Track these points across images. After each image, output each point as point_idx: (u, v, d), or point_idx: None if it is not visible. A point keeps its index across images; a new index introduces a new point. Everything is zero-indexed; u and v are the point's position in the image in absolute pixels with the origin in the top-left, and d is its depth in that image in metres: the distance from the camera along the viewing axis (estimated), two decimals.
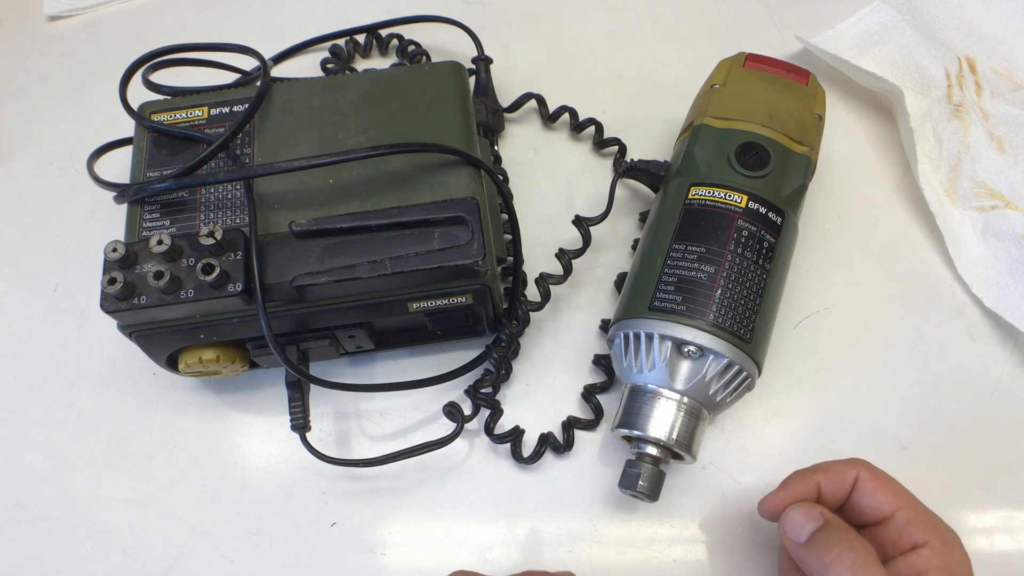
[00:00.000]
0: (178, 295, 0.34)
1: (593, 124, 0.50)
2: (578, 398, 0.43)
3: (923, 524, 0.33)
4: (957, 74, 0.51)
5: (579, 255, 0.43)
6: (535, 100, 0.51)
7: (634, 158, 0.47)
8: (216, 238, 0.34)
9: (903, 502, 0.33)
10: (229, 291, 0.34)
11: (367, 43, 0.56)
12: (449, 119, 0.40)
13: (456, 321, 0.39)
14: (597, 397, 0.42)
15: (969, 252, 0.45)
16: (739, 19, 0.56)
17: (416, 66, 0.44)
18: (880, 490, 0.34)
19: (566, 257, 0.43)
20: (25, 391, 0.45)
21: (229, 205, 0.38)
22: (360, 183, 0.38)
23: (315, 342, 0.39)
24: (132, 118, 0.41)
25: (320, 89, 0.42)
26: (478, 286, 0.37)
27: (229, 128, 0.39)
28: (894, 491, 0.34)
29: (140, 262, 0.35)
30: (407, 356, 0.44)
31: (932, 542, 0.32)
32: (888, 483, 0.34)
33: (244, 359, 0.39)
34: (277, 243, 0.36)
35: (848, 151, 0.50)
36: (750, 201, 0.39)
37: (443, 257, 0.35)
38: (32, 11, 0.60)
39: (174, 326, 0.36)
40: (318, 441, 0.41)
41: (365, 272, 0.35)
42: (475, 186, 0.38)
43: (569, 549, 0.39)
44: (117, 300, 0.34)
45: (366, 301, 0.37)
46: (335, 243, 0.36)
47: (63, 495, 0.41)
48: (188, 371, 0.39)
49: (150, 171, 0.39)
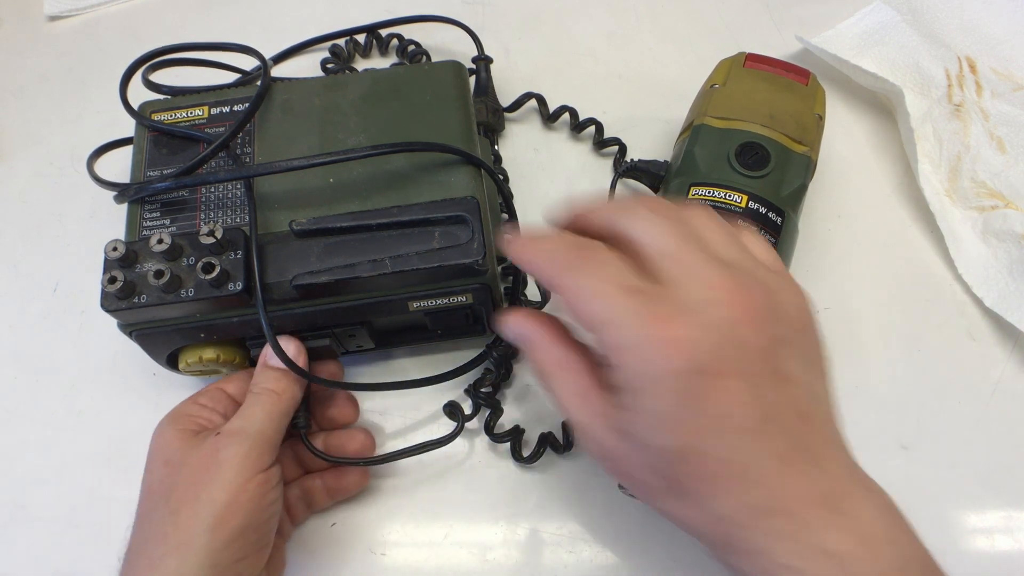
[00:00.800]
0: (178, 294, 0.34)
1: (593, 124, 0.50)
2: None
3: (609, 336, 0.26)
4: (957, 74, 0.51)
5: None
6: (535, 100, 0.51)
7: (634, 158, 0.47)
8: (216, 237, 0.34)
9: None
10: (229, 290, 0.34)
11: (367, 43, 0.55)
12: (449, 118, 0.40)
13: (456, 320, 0.39)
14: None
15: (969, 252, 0.45)
16: (739, 19, 0.56)
17: (416, 65, 0.44)
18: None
19: None
20: (25, 391, 0.45)
21: (229, 204, 0.38)
22: (360, 182, 0.38)
23: (315, 341, 0.39)
24: (132, 117, 0.41)
25: (320, 89, 0.42)
26: (478, 285, 0.37)
27: (229, 127, 0.39)
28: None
29: (140, 261, 0.35)
30: (407, 356, 0.44)
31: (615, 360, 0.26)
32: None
33: (244, 358, 0.39)
34: (277, 242, 0.36)
35: (848, 151, 0.50)
36: (750, 201, 0.39)
37: (444, 256, 0.35)
38: (32, 11, 0.60)
39: (174, 325, 0.36)
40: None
41: (365, 271, 0.35)
42: (475, 185, 0.38)
43: (569, 549, 0.39)
44: (117, 299, 0.34)
45: (366, 300, 0.36)
46: (335, 242, 0.36)
47: (63, 495, 0.41)
48: (188, 370, 0.39)
49: (150, 170, 0.39)
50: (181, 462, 0.33)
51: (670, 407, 0.25)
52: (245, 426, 0.34)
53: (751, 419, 0.25)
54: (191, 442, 0.34)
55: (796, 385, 0.26)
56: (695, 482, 0.26)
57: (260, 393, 0.36)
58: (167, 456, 0.34)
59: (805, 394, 0.26)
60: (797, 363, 0.26)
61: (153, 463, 0.34)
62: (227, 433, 0.34)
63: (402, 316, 0.38)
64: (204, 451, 0.33)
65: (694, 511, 0.26)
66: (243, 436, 0.33)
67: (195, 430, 0.35)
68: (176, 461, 0.33)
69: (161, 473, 0.34)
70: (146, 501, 0.34)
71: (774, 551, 0.25)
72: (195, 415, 0.36)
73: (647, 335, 0.25)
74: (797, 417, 0.26)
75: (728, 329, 0.25)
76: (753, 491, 0.25)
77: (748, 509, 0.25)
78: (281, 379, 0.36)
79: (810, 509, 0.25)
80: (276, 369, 0.36)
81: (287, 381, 0.36)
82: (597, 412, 0.27)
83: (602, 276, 0.26)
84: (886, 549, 0.25)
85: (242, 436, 0.33)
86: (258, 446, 0.33)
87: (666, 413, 0.25)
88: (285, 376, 0.36)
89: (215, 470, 0.32)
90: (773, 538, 0.25)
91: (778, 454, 0.25)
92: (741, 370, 0.25)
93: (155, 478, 0.34)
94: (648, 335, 0.25)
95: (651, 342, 0.25)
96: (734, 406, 0.25)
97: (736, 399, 0.25)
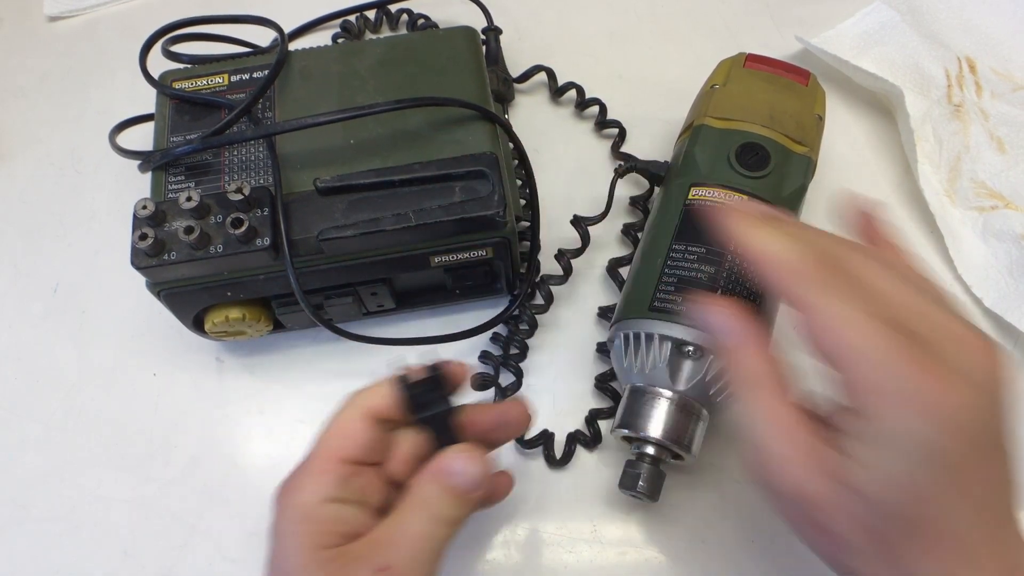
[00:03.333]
0: (207, 250, 0.35)
1: (597, 104, 0.51)
2: (581, 395, 0.43)
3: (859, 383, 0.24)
4: (957, 74, 0.51)
5: (577, 255, 0.43)
6: (545, 73, 0.52)
7: (634, 158, 0.47)
8: (244, 193, 0.35)
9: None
10: (257, 246, 0.35)
11: (377, 18, 0.57)
12: (464, 80, 0.42)
13: (475, 279, 0.41)
14: (612, 385, 0.42)
15: (969, 252, 0.45)
16: (739, 19, 0.56)
17: (431, 31, 0.46)
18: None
19: (565, 258, 0.43)
20: (25, 391, 0.45)
21: (253, 167, 0.39)
22: (380, 143, 0.39)
23: (338, 299, 0.40)
24: (153, 87, 0.42)
25: (338, 55, 0.43)
26: (498, 239, 0.38)
27: (251, 92, 0.40)
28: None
29: (169, 220, 0.36)
30: (428, 317, 0.45)
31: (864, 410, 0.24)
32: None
33: (269, 318, 0.41)
34: (302, 200, 0.37)
35: (848, 151, 0.50)
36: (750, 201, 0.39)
37: (465, 208, 0.36)
38: (32, 11, 0.60)
39: (202, 284, 0.37)
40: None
41: (390, 224, 0.36)
42: (493, 142, 0.39)
43: (569, 549, 0.39)
44: (147, 256, 0.35)
45: (390, 255, 0.37)
46: (359, 199, 0.37)
47: (63, 495, 0.41)
48: (214, 330, 0.39)
49: (173, 136, 0.40)
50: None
51: (920, 471, 0.23)
52: (415, 567, 0.27)
53: (988, 495, 0.24)
54: (343, 568, 0.26)
55: (1009, 457, 0.24)
56: (910, 546, 0.24)
57: (435, 523, 0.28)
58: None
59: (1012, 465, 0.25)
60: (1008, 438, 0.25)
61: (276, 572, 0.28)
62: (396, 573, 0.26)
63: (423, 273, 0.39)
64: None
65: (888, 570, 0.25)
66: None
67: (334, 545, 0.27)
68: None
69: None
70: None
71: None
72: (333, 518, 0.28)
73: (918, 387, 0.22)
74: (1006, 489, 0.25)
75: (989, 399, 0.23)
76: (961, 558, 0.24)
77: (947, 574, 0.24)
78: (464, 507, 0.28)
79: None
80: (460, 496, 0.28)
81: (469, 509, 0.29)
82: (805, 449, 0.25)
83: (863, 303, 0.24)
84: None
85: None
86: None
87: (911, 475, 0.23)
88: (467, 504, 0.29)
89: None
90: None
91: (991, 524, 0.24)
92: (996, 444, 0.23)
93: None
94: (919, 387, 0.22)
95: (922, 396, 0.22)
96: (982, 484, 0.23)
97: (986, 476, 0.23)
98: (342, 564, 0.26)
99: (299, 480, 0.29)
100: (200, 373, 0.44)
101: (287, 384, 0.44)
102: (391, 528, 0.28)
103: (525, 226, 0.43)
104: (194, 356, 0.45)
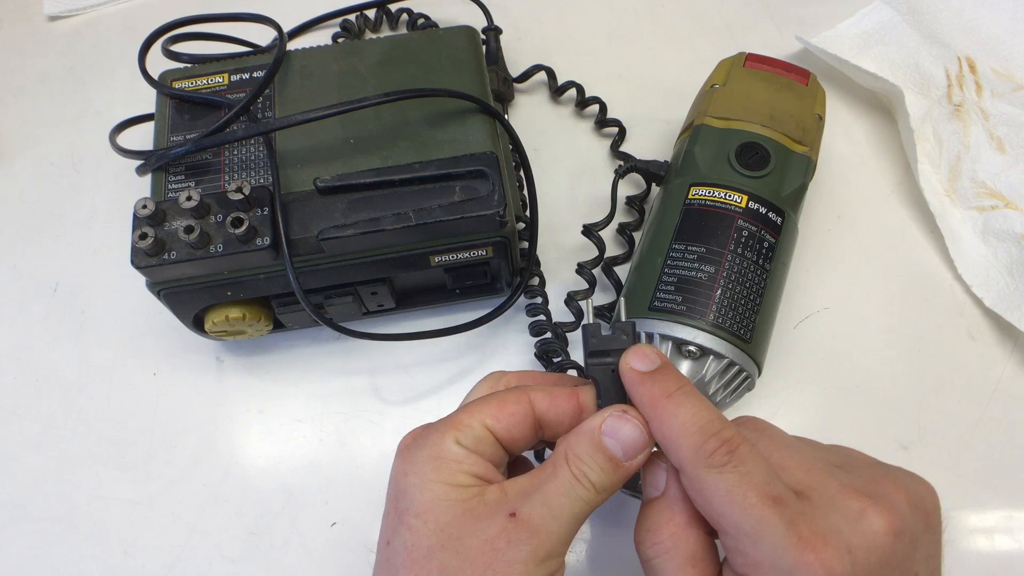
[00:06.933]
0: (207, 250, 0.35)
1: (597, 103, 0.51)
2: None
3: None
4: (957, 74, 0.51)
5: (597, 264, 0.43)
6: (544, 72, 0.53)
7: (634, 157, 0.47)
8: (244, 193, 0.35)
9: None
10: (257, 245, 0.35)
11: (377, 17, 0.57)
12: (465, 80, 0.42)
13: (474, 278, 0.41)
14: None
15: (969, 252, 0.45)
16: (739, 19, 0.56)
17: (431, 31, 0.46)
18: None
19: (587, 270, 0.43)
20: (25, 391, 0.45)
21: (252, 166, 0.39)
22: (380, 142, 0.39)
23: (339, 299, 0.40)
24: (152, 87, 0.42)
25: (338, 55, 0.43)
26: (498, 239, 0.38)
27: (250, 91, 0.40)
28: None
29: (169, 220, 0.36)
30: (428, 316, 0.45)
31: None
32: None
33: (269, 318, 0.41)
34: (302, 200, 0.37)
35: (848, 151, 0.50)
36: (750, 201, 0.39)
37: (465, 208, 0.36)
38: (32, 11, 0.60)
39: (202, 283, 0.37)
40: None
41: (390, 224, 0.36)
42: (492, 141, 0.39)
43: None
44: (147, 255, 0.35)
45: (389, 255, 0.38)
46: (359, 198, 0.37)
47: (63, 495, 0.41)
48: (214, 330, 0.39)
49: (173, 136, 0.40)
50: (459, 537, 0.25)
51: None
52: (548, 521, 0.26)
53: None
54: (473, 509, 0.26)
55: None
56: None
57: (579, 480, 0.26)
58: (441, 520, 0.26)
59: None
60: (922, 565, 0.25)
61: (419, 519, 0.26)
62: (525, 522, 0.25)
63: (423, 272, 0.39)
64: (491, 535, 0.25)
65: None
66: (544, 536, 0.25)
67: (468, 484, 0.27)
68: (453, 533, 0.25)
69: (431, 541, 0.26)
70: (408, 567, 0.26)
71: None
72: (462, 461, 0.27)
73: (796, 561, 0.23)
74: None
75: (877, 551, 0.23)
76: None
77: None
78: (613, 474, 0.27)
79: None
80: (611, 460, 0.27)
81: (617, 478, 0.27)
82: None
83: (744, 478, 0.24)
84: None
85: (543, 536, 0.25)
86: (557, 553, 0.26)
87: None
88: (617, 471, 0.27)
89: (501, 570, 0.25)
90: None
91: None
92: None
93: (422, 541, 0.26)
94: (797, 561, 0.23)
95: (800, 569, 0.22)
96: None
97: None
98: (474, 506, 0.26)
99: (432, 427, 0.28)
100: (200, 373, 0.44)
101: (287, 384, 0.44)
102: (533, 478, 0.27)
103: (522, 227, 0.43)
104: (194, 356, 0.45)
